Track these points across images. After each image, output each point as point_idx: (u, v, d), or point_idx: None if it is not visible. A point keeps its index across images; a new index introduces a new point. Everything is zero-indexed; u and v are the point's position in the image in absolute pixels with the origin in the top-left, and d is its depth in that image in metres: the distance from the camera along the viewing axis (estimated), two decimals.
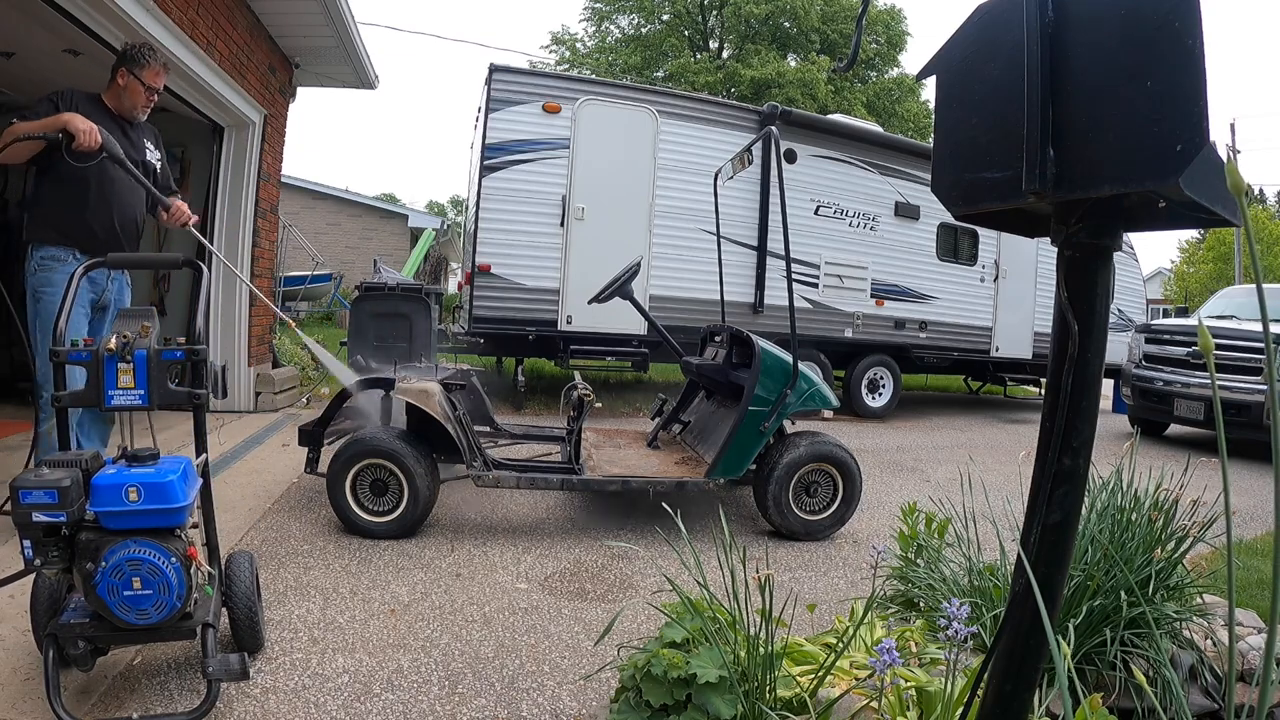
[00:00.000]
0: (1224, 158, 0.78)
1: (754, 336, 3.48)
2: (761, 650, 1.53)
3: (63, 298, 1.92)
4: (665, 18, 24.25)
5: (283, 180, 6.93)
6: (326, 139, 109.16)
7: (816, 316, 7.38)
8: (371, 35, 31.57)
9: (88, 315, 2.95)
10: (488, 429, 4.01)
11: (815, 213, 7.34)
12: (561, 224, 6.43)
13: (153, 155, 3.18)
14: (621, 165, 6.57)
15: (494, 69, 6.32)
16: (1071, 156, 0.85)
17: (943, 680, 1.46)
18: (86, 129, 2.71)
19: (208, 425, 2.00)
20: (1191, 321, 7.56)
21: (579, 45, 24.94)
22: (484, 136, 6.29)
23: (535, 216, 6.38)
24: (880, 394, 7.89)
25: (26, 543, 1.58)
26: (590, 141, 6.44)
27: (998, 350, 8.48)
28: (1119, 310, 8.97)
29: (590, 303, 4.41)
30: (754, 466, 3.40)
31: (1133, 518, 2.03)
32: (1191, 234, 31.58)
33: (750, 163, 4.06)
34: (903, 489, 4.54)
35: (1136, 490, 2.10)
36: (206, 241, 3.84)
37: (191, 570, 1.67)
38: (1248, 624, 2.02)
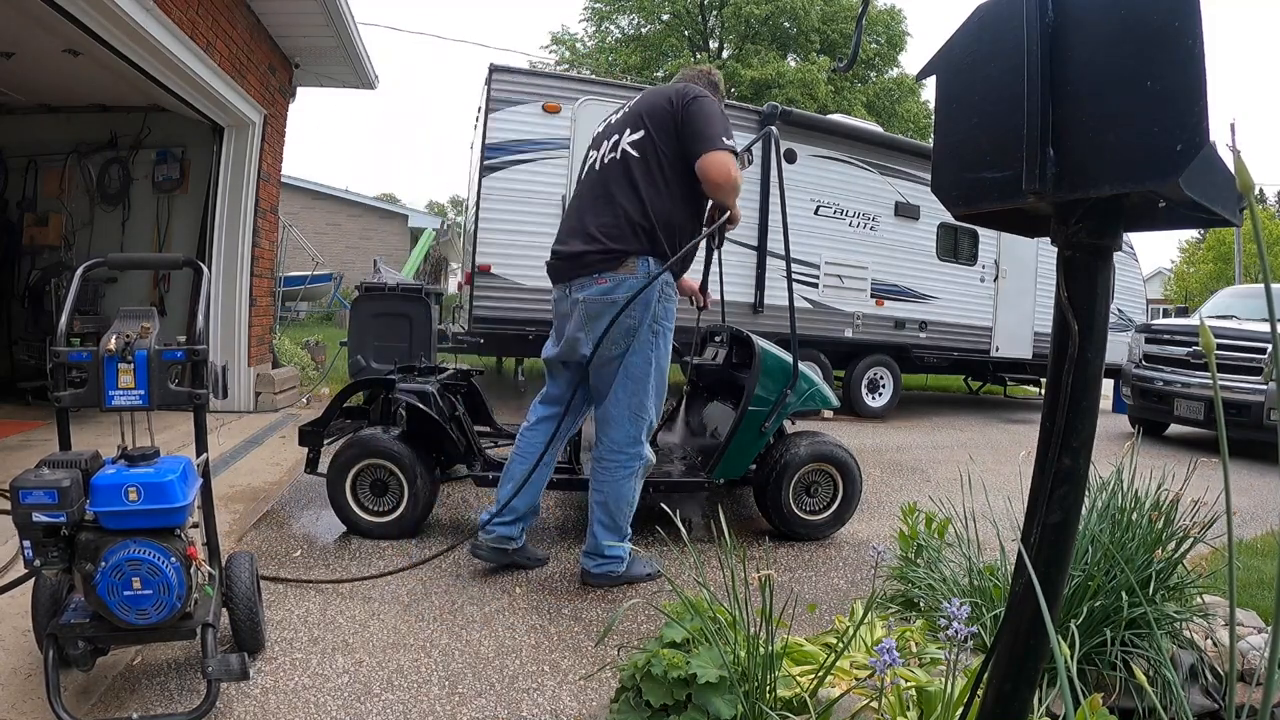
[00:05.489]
0: (1226, 157, 0.78)
1: (754, 336, 3.48)
2: (761, 650, 1.53)
3: (68, 297, 1.92)
4: (665, 18, 24.24)
5: (283, 180, 6.93)
6: (326, 139, 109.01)
7: (816, 316, 7.37)
8: (371, 35, 31.55)
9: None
10: (488, 429, 4.01)
11: (815, 213, 7.33)
12: None
13: None
14: None
15: (494, 69, 6.32)
16: (1071, 156, 0.85)
17: (943, 680, 1.45)
18: (739, 220, 2.82)
19: (208, 425, 2.00)
20: (1191, 321, 7.56)
21: (579, 45, 24.94)
22: (484, 136, 6.29)
23: (535, 216, 6.37)
24: (880, 394, 7.89)
25: (26, 543, 1.58)
26: None
27: (998, 350, 8.48)
28: (1119, 310, 8.97)
29: None
30: (754, 467, 3.40)
31: (1133, 518, 2.03)
32: (1191, 234, 31.62)
33: (750, 163, 4.06)
34: (903, 489, 4.54)
35: (1137, 490, 2.10)
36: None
37: (191, 570, 1.67)
38: (1248, 624, 2.02)
